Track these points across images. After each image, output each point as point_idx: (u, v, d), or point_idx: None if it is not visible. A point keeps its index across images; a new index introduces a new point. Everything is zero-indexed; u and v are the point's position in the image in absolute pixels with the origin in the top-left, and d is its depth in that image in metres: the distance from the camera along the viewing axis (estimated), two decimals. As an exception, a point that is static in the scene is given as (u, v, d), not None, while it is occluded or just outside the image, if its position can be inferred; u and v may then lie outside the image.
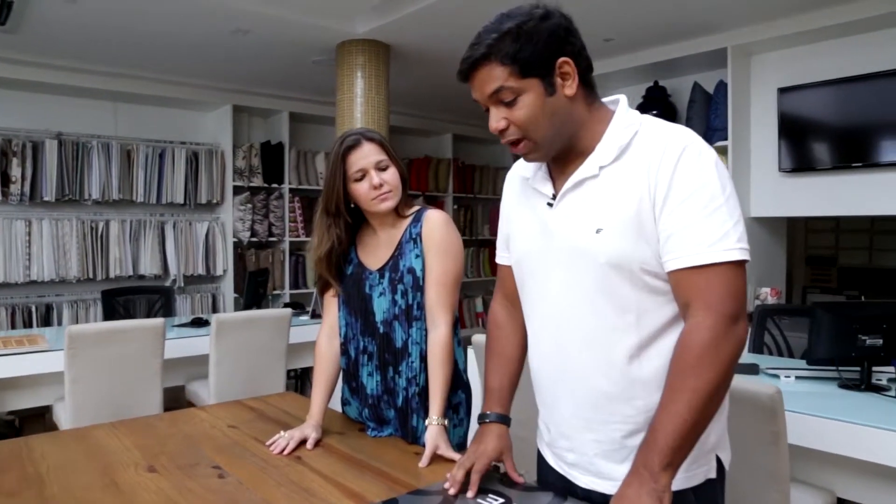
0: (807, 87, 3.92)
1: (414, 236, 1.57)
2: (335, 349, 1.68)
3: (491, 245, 7.76)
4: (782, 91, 3.99)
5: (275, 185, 5.97)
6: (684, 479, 1.06)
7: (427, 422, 1.47)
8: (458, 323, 1.61)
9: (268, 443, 1.52)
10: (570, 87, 1.08)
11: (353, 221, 1.64)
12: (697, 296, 1.00)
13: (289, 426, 1.62)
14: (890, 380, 2.20)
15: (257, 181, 5.87)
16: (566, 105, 1.08)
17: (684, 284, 1.02)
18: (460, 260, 1.58)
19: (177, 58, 4.72)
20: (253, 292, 3.96)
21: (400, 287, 1.56)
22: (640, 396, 1.07)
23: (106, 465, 1.41)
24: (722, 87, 4.17)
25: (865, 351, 2.14)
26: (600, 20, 3.81)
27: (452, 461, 1.40)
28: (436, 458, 1.41)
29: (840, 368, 2.23)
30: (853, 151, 3.80)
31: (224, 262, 5.75)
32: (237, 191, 5.76)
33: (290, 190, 6.05)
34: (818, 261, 6.74)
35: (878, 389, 2.15)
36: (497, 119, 1.09)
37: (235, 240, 5.75)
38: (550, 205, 1.16)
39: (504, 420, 1.29)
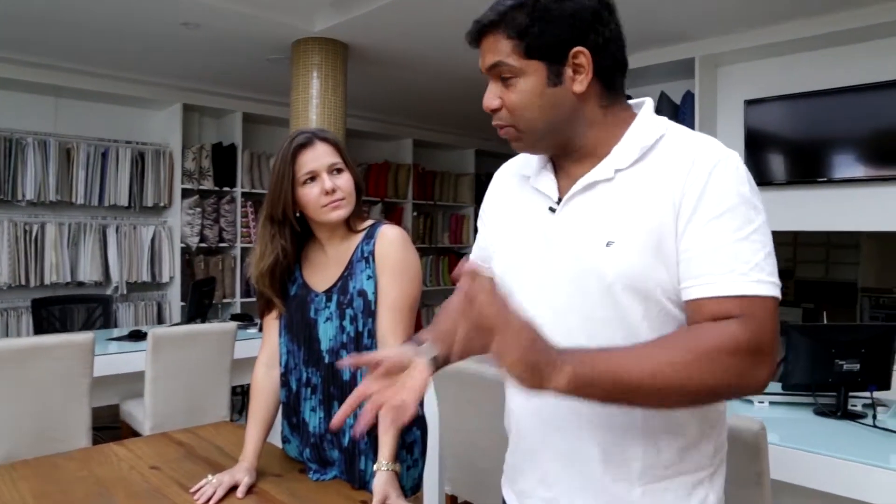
0: (772, 101, 3.88)
1: (366, 255, 1.39)
2: (274, 380, 1.48)
3: (451, 253, 7.61)
4: (749, 103, 3.94)
5: (226, 189, 5.70)
6: None
7: (376, 466, 1.29)
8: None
9: (192, 489, 1.32)
10: (581, 83, 0.93)
11: (299, 235, 1.46)
12: (734, 314, 0.84)
13: (220, 467, 1.43)
14: (865, 405, 2.11)
15: (208, 184, 5.59)
16: (571, 101, 0.94)
17: (712, 311, 0.85)
18: (418, 282, 1.41)
19: (123, 51, 4.44)
20: (197, 303, 3.72)
21: (349, 312, 1.37)
22: (645, 439, 0.91)
23: (-7, 522, 1.19)
24: (689, 97, 4.11)
25: (843, 376, 2.05)
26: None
27: (404, 513, 1.23)
28: (385, 508, 1.24)
29: (815, 394, 2.13)
30: (811, 166, 3.78)
31: (171, 268, 5.45)
32: (186, 194, 5.47)
33: (243, 194, 5.79)
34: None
35: (855, 416, 2.05)
36: (492, 96, 0.96)
37: (183, 245, 5.47)
38: (553, 210, 1.00)
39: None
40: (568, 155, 1.00)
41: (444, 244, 7.52)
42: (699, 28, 3.83)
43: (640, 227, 0.90)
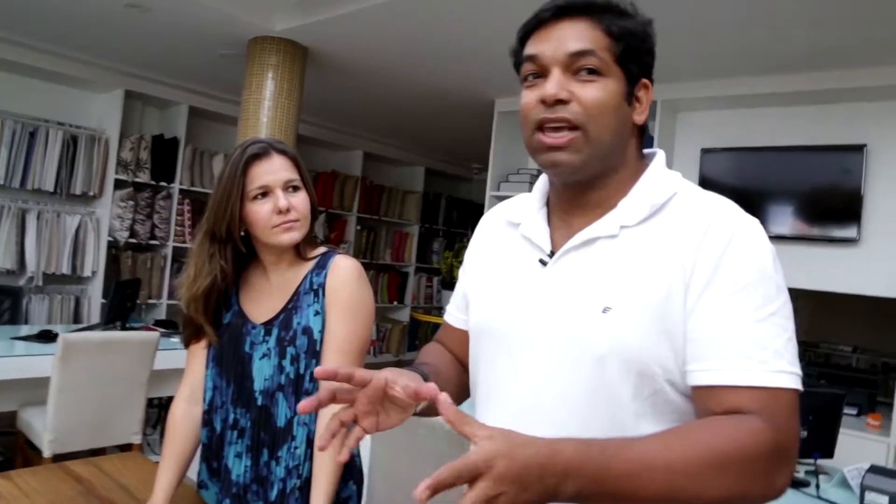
0: (724, 151, 3.92)
1: (316, 287, 1.24)
2: (195, 418, 1.31)
3: (392, 270, 7.45)
4: (704, 151, 3.98)
5: (163, 184, 5.39)
6: None
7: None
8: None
9: (85, 544, 1.13)
10: (641, 115, 0.87)
11: (240, 256, 1.30)
12: (756, 410, 0.73)
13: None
14: (808, 472, 2.08)
15: (144, 177, 5.27)
16: (629, 129, 0.86)
17: (730, 400, 0.74)
18: (370, 322, 1.27)
19: (64, 26, 4.12)
20: (119, 305, 3.44)
21: (290, 350, 1.22)
22: None
23: None
24: (649, 140, 4.11)
25: (790, 443, 2.00)
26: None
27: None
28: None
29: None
30: (761, 220, 3.82)
31: (95, 262, 5.09)
32: (119, 185, 5.14)
33: (181, 191, 5.49)
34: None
35: (798, 484, 2.02)
36: (559, 86, 0.82)
37: (111, 239, 5.12)
38: (544, 263, 0.88)
39: (423, 375, 0.87)
40: (589, 192, 0.88)
41: (385, 261, 7.37)
42: (662, 73, 3.81)
43: (643, 294, 0.79)
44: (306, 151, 6.40)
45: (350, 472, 1.29)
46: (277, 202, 1.21)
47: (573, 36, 0.83)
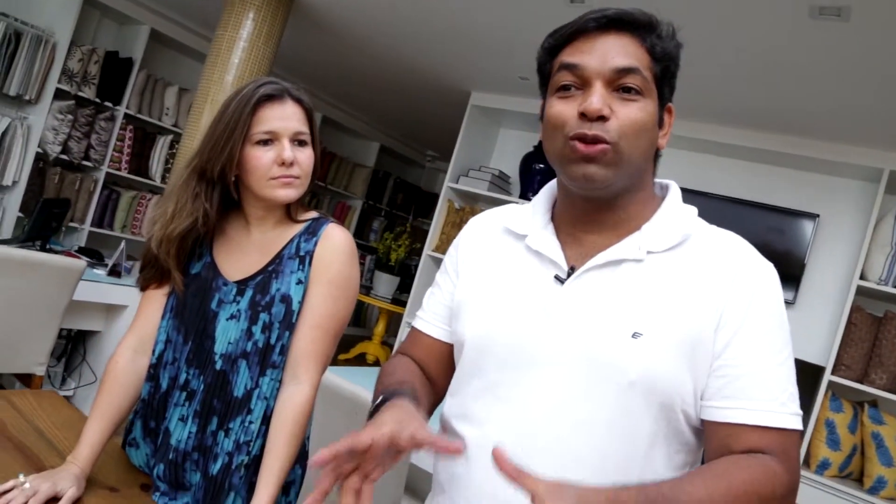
0: (690, 193, 4.00)
1: (303, 253, 1.15)
2: (139, 369, 1.18)
3: (331, 241, 7.27)
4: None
5: (108, 104, 5.04)
6: None
7: (250, 512, 1.05)
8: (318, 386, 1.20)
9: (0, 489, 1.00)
10: (664, 139, 0.85)
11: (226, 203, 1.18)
12: (771, 450, 0.76)
13: (37, 463, 1.11)
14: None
15: (89, 93, 4.91)
16: (653, 150, 0.84)
17: (746, 439, 0.76)
18: (352, 303, 1.18)
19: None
20: (42, 224, 3.17)
21: (263, 317, 1.12)
22: None
23: None
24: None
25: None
26: (523, 56, 3.60)
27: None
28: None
29: None
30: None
31: (17, 171, 4.71)
32: (60, 95, 4.77)
33: (126, 116, 5.16)
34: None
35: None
36: (601, 101, 0.78)
37: (40, 150, 4.75)
38: (561, 281, 0.84)
39: (412, 397, 0.83)
40: (607, 215, 0.85)
41: (324, 230, 7.19)
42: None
43: (674, 324, 0.78)
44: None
45: (299, 454, 1.20)
46: (282, 153, 1.10)
47: (620, 51, 0.80)
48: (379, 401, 0.83)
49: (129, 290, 3.19)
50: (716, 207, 3.90)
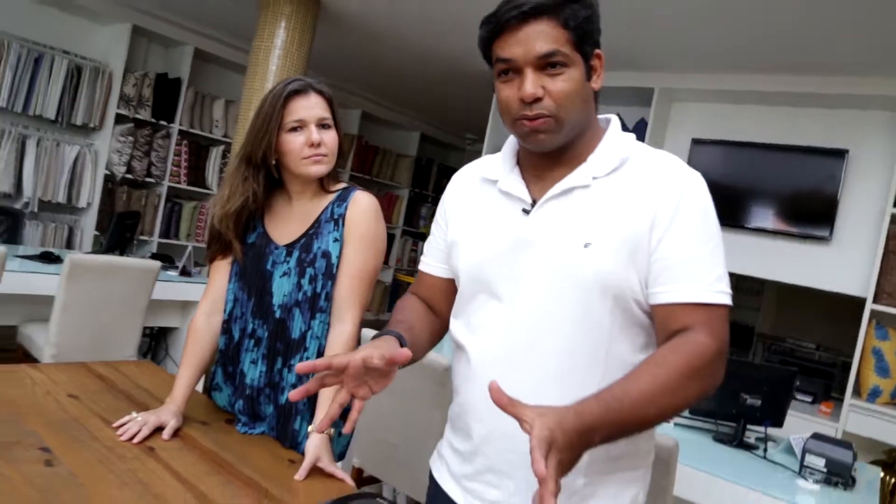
0: (714, 144, 4.07)
1: (336, 216, 1.38)
2: (214, 327, 1.44)
3: (382, 231, 7.55)
4: (695, 142, 4.13)
5: (163, 123, 5.44)
6: None
7: (311, 428, 1.29)
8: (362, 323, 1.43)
9: (116, 424, 1.27)
10: (598, 82, 1.00)
11: (270, 182, 1.42)
12: (700, 324, 0.92)
13: (143, 406, 1.38)
14: (758, 439, 2.27)
15: (145, 114, 5.31)
16: (591, 98, 1.00)
17: (681, 316, 0.94)
18: (382, 254, 1.41)
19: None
20: (119, 235, 3.54)
21: (309, 271, 1.36)
22: None
23: None
24: (641, 124, 4.25)
25: (744, 409, 2.20)
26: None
27: (333, 477, 1.23)
28: (314, 470, 1.23)
29: (717, 422, 2.28)
30: (738, 211, 4.00)
31: (90, 193, 5.15)
32: (120, 119, 5.18)
33: (180, 132, 5.55)
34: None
35: (749, 447, 2.21)
36: (535, 85, 0.95)
37: (108, 172, 5.18)
38: (526, 212, 1.03)
39: (399, 338, 1.02)
40: (559, 153, 1.03)
41: (376, 221, 7.46)
42: (663, 61, 3.97)
43: (616, 232, 0.96)
44: (307, 105, 6.44)
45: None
46: (310, 136, 1.33)
47: (539, 37, 0.95)
48: (375, 336, 1.05)
49: (199, 287, 3.52)
50: (747, 155, 3.96)
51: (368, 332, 2.17)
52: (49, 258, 3.24)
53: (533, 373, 0.99)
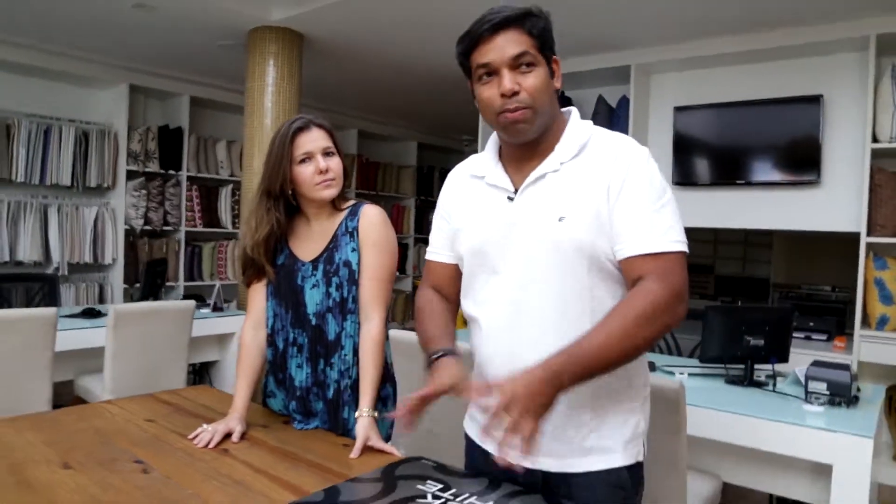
0: (699, 108, 4.24)
1: (350, 230, 1.57)
2: (260, 341, 1.65)
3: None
4: (678, 109, 4.29)
5: (172, 172, 5.69)
6: (622, 457, 1.17)
7: (357, 413, 1.48)
8: (388, 318, 1.63)
9: (190, 436, 1.48)
10: (558, 82, 1.20)
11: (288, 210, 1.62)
12: (652, 271, 1.11)
13: (209, 419, 1.58)
14: (767, 376, 2.44)
15: (153, 166, 5.57)
16: (554, 95, 1.19)
17: (638, 266, 1.13)
18: (395, 256, 1.61)
19: (70, 28, 4.39)
20: (150, 283, 3.77)
21: (335, 280, 1.56)
22: (596, 382, 1.14)
23: (13, 464, 1.31)
24: (624, 101, 4.42)
25: (749, 350, 2.36)
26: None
27: (383, 452, 1.42)
28: (366, 449, 1.43)
29: (726, 366, 2.45)
30: (731, 170, 4.16)
31: (114, 250, 5.41)
32: (132, 175, 5.44)
33: (188, 178, 5.80)
34: (697, 269, 7.24)
35: (759, 385, 2.38)
36: (512, 82, 1.15)
37: (127, 227, 5.43)
38: (511, 199, 1.23)
39: (454, 353, 1.27)
40: (533, 146, 1.22)
41: (387, 234, 7.67)
42: (636, 38, 4.14)
43: (584, 205, 1.16)
44: (304, 133, 6.67)
45: (386, 376, 1.63)
46: (318, 164, 1.53)
47: (510, 43, 1.16)
48: (434, 356, 1.26)
49: (231, 319, 3.74)
50: (728, 114, 4.12)
51: (396, 333, 2.38)
52: (91, 314, 3.47)
53: (534, 328, 1.19)
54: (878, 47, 3.47)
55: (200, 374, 3.88)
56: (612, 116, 4.54)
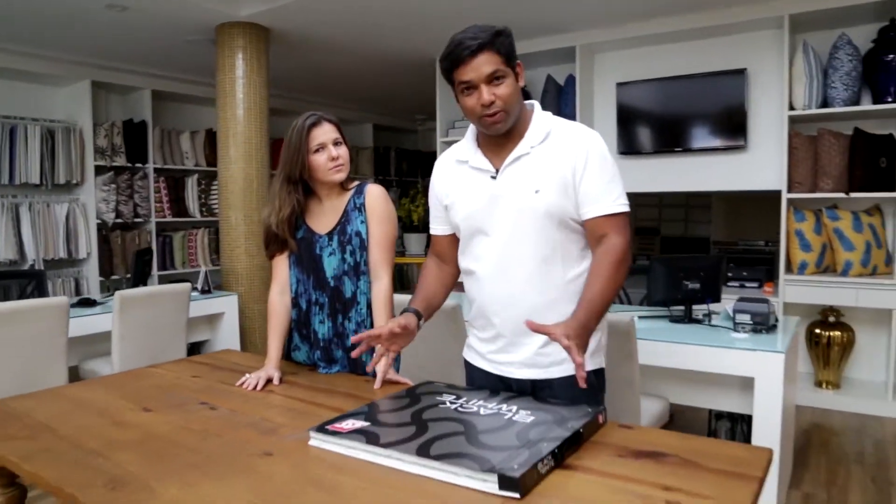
0: (638, 83, 4.65)
1: (358, 205, 1.89)
2: (286, 303, 1.96)
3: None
4: (620, 85, 4.70)
5: (139, 165, 5.83)
6: (589, 363, 1.53)
7: (369, 367, 1.80)
8: (394, 276, 1.96)
9: (238, 383, 1.78)
10: (522, 81, 1.53)
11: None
12: (612, 229, 1.49)
13: (245, 372, 1.87)
14: (704, 314, 2.87)
15: (120, 160, 5.70)
16: (520, 94, 1.53)
17: (601, 225, 1.50)
18: (396, 225, 1.93)
19: (35, 28, 4.49)
20: (140, 271, 3.99)
21: (349, 248, 1.88)
22: (562, 304, 1.51)
23: (101, 411, 1.60)
24: (571, 80, 4.80)
25: (688, 293, 2.79)
26: (464, 15, 4.24)
27: (398, 382, 1.76)
28: (385, 382, 1.76)
29: (670, 308, 2.87)
30: (670, 138, 4.60)
31: (87, 244, 5.55)
32: (100, 170, 5.56)
33: (155, 170, 5.95)
34: (644, 231, 7.77)
35: (697, 321, 2.81)
36: (489, 94, 1.47)
37: (100, 221, 5.57)
38: (493, 177, 1.56)
39: (416, 313, 1.64)
40: (506, 135, 1.56)
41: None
42: (580, 21, 4.51)
43: (553, 180, 1.51)
44: (270, 122, 6.85)
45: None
46: (330, 153, 1.84)
47: (485, 64, 1.47)
48: (403, 310, 1.64)
49: (222, 300, 4.00)
50: (665, 87, 4.54)
51: (402, 298, 2.70)
52: (87, 303, 3.68)
53: (518, 276, 1.54)
54: (792, 25, 3.92)
55: (193, 353, 4.12)
56: (560, 94, 4.91)
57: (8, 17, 4.22)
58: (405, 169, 9.03)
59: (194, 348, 4.14)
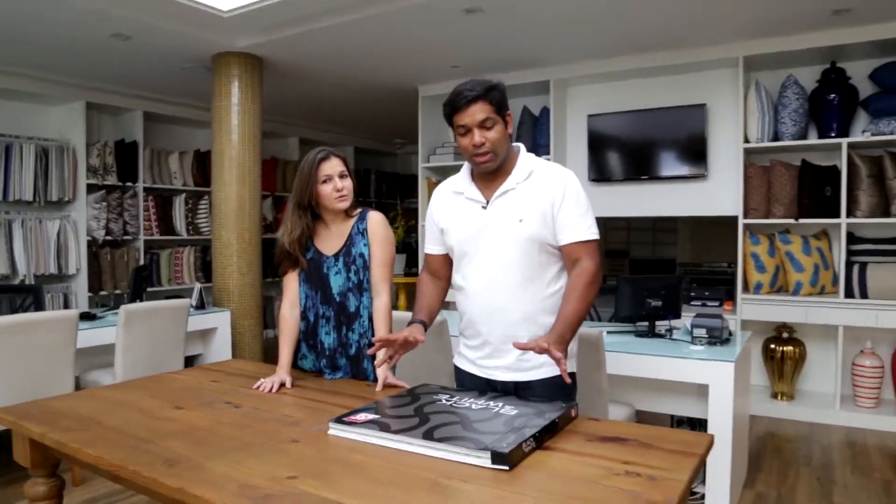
0: (608, 115, 5.00)
1: (361, 230, 2.15)
2: (296, 316, 2.19)
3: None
4: (591, 116, 5.04)
5: (129, 184, 6.01)
6: (568, 365, 1.80)
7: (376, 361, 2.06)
8: (393, 293, 2.21)
9: (255, 386, 2.01)
10: (510, 128, 1.81)
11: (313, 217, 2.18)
12: (585, 254, 1.76)
13: (257, 378, 2.09)
14: (666, 329, 3.17)
15: (112, 179, 5.88)
16: (508, 138, 1.81)
17: (575, 250, 1.78)
18: (394, 247, 2.19)
19: (36, 52, 4.68)
20: (138, 287, 4.18)
21: (353, 267, 2.13)
22: (541, 316, 1.78)
23: (138, 410, 1.81)
24: (545, 111, 5.14)
25: (651, 310, 3.08)
26: (450, 51, 4.55)
27: (398, 386, 2.00)
28: (385, 386, 2.00)
29: (635, 324, 3.16)
30: (639, 167, 4.95)
31: (77, 260, 5.69)
32: (92, 189, 5.73)
33: (145, 189, 6.13)
34: (615, 254, 8.10)
35: (659, 336, 3.10)
36: (481, 137, 1.75)
37: (90, 238, 5.73)
38: (484, 207, 1.84)
39: (423, 323, 1.91)
40: (496, 172, 1.83)
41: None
42: (553, 57, 4.85)
43: (535, 211, 1.78)
44: (251, 143, 7.08)
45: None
46: (336, 184, 2.09)
47: (479, 111, 1.75)
48: (409, 321, 1.89)
49: (216, 315, 4.20)
50: (632, 119, 4.89)
51: (404, 315, 2.95)
52: (88, 317, 3.86)
53: (503, 292, 1.81)
54: (746, 65, 4.31)
55: (188, 366, 4.31)
56: (535, 124, 5.24)
57: (14, 42, 4.41)
58: (384, 191, 9.29)
59: (188, 361, 4.32)
